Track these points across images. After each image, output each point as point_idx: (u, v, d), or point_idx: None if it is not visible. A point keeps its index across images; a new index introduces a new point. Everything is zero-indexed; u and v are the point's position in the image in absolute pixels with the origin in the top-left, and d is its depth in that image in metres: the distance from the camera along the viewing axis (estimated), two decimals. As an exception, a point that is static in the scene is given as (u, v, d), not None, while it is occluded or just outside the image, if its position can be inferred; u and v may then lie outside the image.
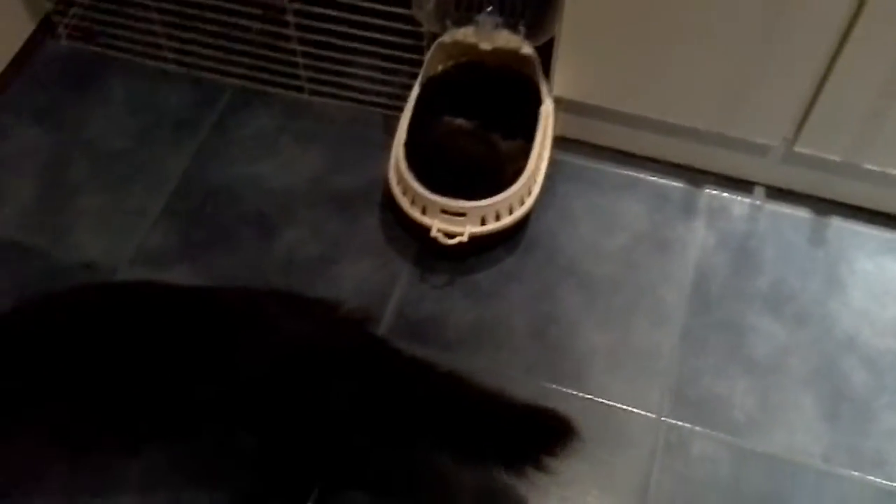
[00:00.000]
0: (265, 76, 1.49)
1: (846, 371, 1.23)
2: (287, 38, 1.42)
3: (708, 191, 1.40)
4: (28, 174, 1.41)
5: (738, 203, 1.39)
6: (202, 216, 1.37)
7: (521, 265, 1.33)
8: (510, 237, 1.33)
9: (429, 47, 1.35)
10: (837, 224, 1.36)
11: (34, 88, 1.52)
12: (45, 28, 1.55)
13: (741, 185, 1.40)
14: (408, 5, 1.32)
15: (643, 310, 1.29)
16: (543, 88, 1.31)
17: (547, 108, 1.31)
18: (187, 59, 1.51)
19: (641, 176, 1.41)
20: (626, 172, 1.42)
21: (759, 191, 1.39)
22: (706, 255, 1.33)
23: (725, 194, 1.39)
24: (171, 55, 1.52)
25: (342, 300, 1.08)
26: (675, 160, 1.41)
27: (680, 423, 1.19)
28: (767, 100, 1.24)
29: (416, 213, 1.25)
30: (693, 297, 1.29)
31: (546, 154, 1.31)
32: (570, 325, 1.27)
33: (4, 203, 1.39)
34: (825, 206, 1.37)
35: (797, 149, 1.29)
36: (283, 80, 1.49)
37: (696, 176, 1.41)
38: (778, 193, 1.39)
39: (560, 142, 1.43)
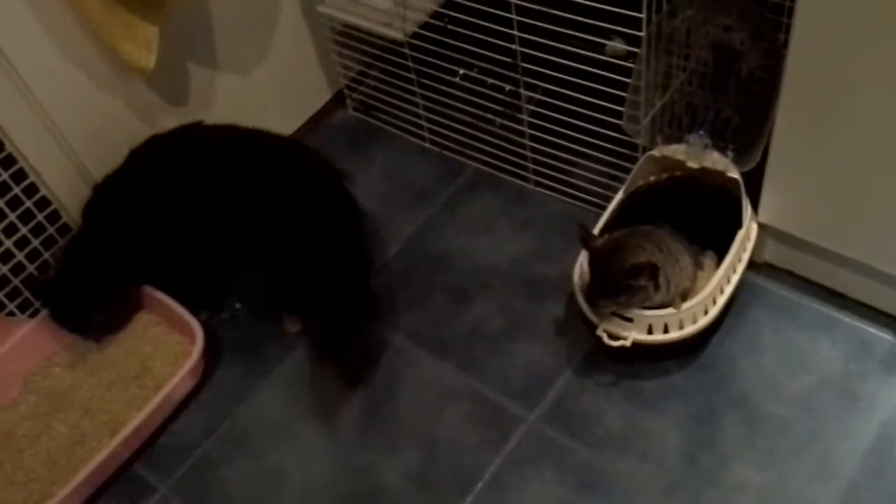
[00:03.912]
0: (499, 164, 1.65)
1: None
2: (521, 135, 1.57)
3: (921, 350, 1.28)
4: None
5: (953, 370, 1.26)
6: (413, 277, 1.54)
7: (690, 383, 1.32)
8: (683, 352, 1.33)
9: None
10: None
11: (319, 145, 1.81)
12: (337, 99, 1.86)
13: (961, 351, 1.27)
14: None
15: (809, 458, 1.21)
16: (745, 212, 1.31)
17: (744, 233, 1.30)
18: (440, 140, 1.73)
19: (846, 319, 1.33)
20: (829, 312, 1.35)
21: (981, 362, 1.25)
22: (898, 418, 1.23)
23: (940, 358, 1.27)
24: (427, 135, 1.74)
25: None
26: (888, 310, 1.31)
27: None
28: None
29: (588, 310, 1.30)
30: (869, 456, 1.19)
31: (734, 278, 1.30)
32: (726, 456, 1.24)
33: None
34: None
35: None
36: (514, 169, 1.63)
37: (910, 331, 1.30)
38: None
39: (764, 268, 1.41)
